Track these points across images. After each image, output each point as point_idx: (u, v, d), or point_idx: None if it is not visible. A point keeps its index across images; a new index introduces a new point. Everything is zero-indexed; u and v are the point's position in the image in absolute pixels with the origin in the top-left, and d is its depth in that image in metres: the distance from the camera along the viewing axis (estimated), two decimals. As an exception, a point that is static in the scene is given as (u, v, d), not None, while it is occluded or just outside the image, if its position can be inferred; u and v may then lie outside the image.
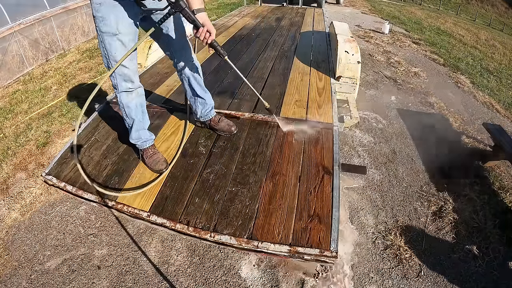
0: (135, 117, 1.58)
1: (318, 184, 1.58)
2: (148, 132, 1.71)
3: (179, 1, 1.17)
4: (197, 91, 1.74)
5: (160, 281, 1.87)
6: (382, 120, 3.69)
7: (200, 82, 1.75)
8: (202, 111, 1.83)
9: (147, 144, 1.70)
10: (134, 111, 1.56)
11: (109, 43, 1.31)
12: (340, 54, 2.63)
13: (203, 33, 1.28)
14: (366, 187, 2.65)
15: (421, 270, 1.97)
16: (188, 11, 1.21)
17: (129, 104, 1.53)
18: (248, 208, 1.48)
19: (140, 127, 1.63)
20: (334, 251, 1.27)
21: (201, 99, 1.79)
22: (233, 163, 1.74)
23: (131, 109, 1.55)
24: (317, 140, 1.89)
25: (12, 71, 5.01)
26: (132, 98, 1.52)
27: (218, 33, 4.46)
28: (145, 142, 1.69)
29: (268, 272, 1.92)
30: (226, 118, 1.87)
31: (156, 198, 1.55)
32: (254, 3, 8.41)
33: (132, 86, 1.48)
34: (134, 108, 1.55)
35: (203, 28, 1.27)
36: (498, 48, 9.27)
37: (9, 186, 2.68)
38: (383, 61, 5.70)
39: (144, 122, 1.65)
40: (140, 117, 1.61)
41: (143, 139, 1.68)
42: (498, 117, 4.01)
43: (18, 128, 3.51)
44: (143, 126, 1.65)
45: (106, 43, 1.31)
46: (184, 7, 1.19)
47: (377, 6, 13.21)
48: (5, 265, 1.98)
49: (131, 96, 1.51)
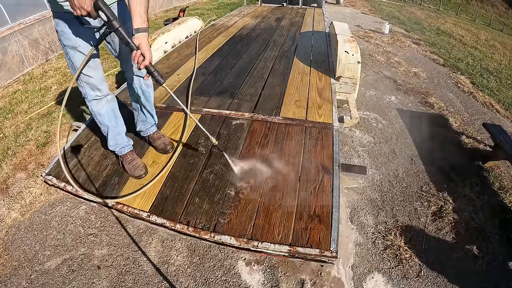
0: (109, 123, 1.60)
1: (318, 184, 1.58)
2: (126, 138, 1.72)
3: (112, 21, 1.12)
4: (143, 107, 1.72)
5: (160, 281, 1.87)
6: (382, 120, 3.69)
7: (148, 97, 1.71)
8: (142, 127, 1.83)
9: (126, 150, 1.71)
10: (106, 117, 1.58)
11: (72, 55, 1.34)
12: (340, 54, 2.63)
13: (136, 57, 1.20)
14: (366, 187, 2.65)
15: (421, 270, 1.97)
16: (122, 32, 1.15)
17: (100, 112, 1.55)
18: (248, 208, 1.48)
19: (115, 133, 1.65)
20: (334, 251, 1.27)
21: (143, 115, 1.76)
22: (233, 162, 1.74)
23: (103, 116, 1.57)
24: (317, 140, 1.89)
25: (12, 71, 5.01)
26: (102, 105, 1.54)
27: (218, 33, 4.46)
28: (123, 148, 1.70)
29: (268, 272, 1.92)
30: (164, 137, 1.86)
31: (156, 198, 1.55)
32: (254, 3, 8.41)
33: (100, 94, 1.50)
34: (106, 115, 1.57)
35: (136, 51, 1.20)
36: (498, 48, 9.28)
37: (9, 186, 2.68)
38: (383, 61, 5.70)
39: (118, 127, 1.66)
40: (114, 123, 1.62)
41: (121, 145, 1.69)
42: (498, 117, 4.01)
43: (18, 128, 3.50)
44: (118, 132, 1.66)
45: (70, 55, 1.35)
46: (117, 27, 1.13)
47: (377, 6, 13.21)
48: (5, 265, 1.98)
49: (101, 104, 1.53)
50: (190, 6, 10.97)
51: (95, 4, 1.07)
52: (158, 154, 1.85)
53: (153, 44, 3.23)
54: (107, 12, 1.09)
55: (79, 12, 1.07)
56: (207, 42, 3.97)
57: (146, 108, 1.73)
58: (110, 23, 1.13)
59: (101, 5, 1.07)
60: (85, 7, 1.05)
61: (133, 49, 1.20)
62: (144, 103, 1.71)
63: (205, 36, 4.29)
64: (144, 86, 1.65)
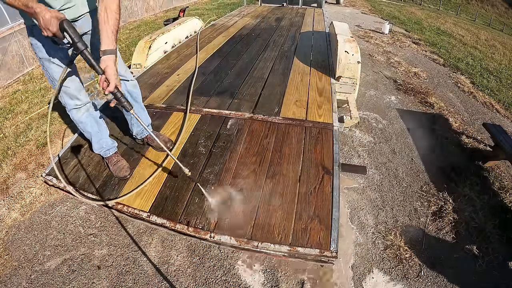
0: (91, 130, 1.63)
1: (318, 184, 1.58)
2: (110, 141, 1.75)
3: (77, 43, 1.10)
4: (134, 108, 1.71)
5: (160, 281, 1.87)
6: (382, 120, 3.69)
7: (137, 99, 1.73)
8: (138, 130, 1.83)
9: (111, 152, 1.73)
10: (88, 124, 1.60)
11: (48, 66, 1.36)
12: (340, 54, 2.63)
13: (101, 82, 1.18)
14: (366, 187, 2.65)
15: (421, 270, 1.97)
16: (87, 54, 1.13)
17: (82, 120, 1.57)
18: (248, 208, 1.48)
19: (99, 137, 1.68)
20: (334, 251, 1.27)
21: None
22: (233, 163, 1.74)
23: (85, 124, 1.59)
24: (317, 140, 1.89)
25: (12, 71, 5.01)
26: (82, 113, 1.55)
27: (218, 33, 4.46)
28: (108, 151, 1.73)
29: (268, 272, 1.92)
30: (162, 135, 1.87)
31: (156, 198, 1.55)
32: (254, 3, 8.41)
33: (79, 102, 1.51)
34: (88, 122, 1.60)
35: (100, 76, 1.17)
36: (498, 48, 9.28)
37: (9, 186, 2.68)
38: (383, 61, 5.70)
39: (101, 132, 1.69)
40: (97, 129, 1.65)
41: (106, 148, 1.72)
42: (498, 117, 4.01)
43: (18, 128, 3.50)
44: (101, 136, 1.69)
45: (46, 67, 1.36)
46: (82, 49, 1.11)
47: (377, 6, 13.21)
48: (5, 265, 1.98)
49: (81, 112, 1.55)
50: (190, 6, 10.97)
51: (60, 25, 1.05)
52: (158, 154, 1.85)
53: (153, 44, 3.23)
54: (71, 34, 1.08)
55: (46, 33, 1.06)
56: (207, 42, 3.97)
57: (137, 108, 1.74)
58: (75, 46, 1.11)
59: (66, 27, 1.06)
60: (50, 28, 1.04)
61: (99, 73, 1.17)
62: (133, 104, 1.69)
63: (205, 36, 4.29)
64: (130, 87, 1.66)
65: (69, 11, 1.25)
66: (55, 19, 1.03)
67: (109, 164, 1.72)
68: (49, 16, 1.02)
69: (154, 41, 3.27)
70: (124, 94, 1.56)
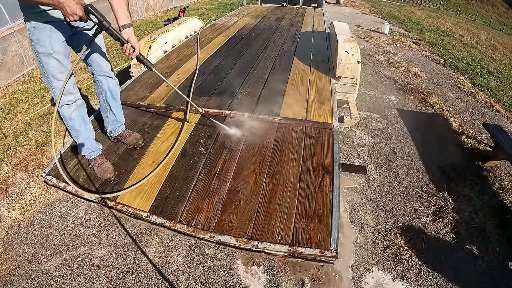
0: (79, 128, 1.66)
1: (318, 184, 1.58)
2: (95, 143, 1.77)
3: (102, 22, 1.26)
4: (112, 106, 1.81)
5: (160, 281, 1.87)
6: (382, 120, 3.69)
7: (116, 97, 1.81)
8: (112, 127, 1.89)
9: (95, 154, 1.75)
10: (76, 122, 1.64)
11: (46, 62, 1.41)
12: (340, 54, 2.63)
13: (128, 49, 1.40)
14: (366, 187, 2.65)
15: (421, 270, 1.97)
16: (112, 30, 1.30)
17: (71, 117, 1.61)
18: (248, 208, 1.47)
19: (85, 137, 1.70)
20: (334, 251, 1.27)
21: (113, 115, 1.84)
22: (233, 163, 1.74)
23: (73, 121, 1.63)
24: (317, 140, 1.89)
25: (12, 71, 5.01)
26: (73, 110, 1.60)
27: (218, 33, 4.47)
28: (93, 153, 1.74)
29: (268, 272, 1.92)
30: (134, 133, 1.93)
31: (156, 198, 1.55)
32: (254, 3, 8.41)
33: (71, 98, 1.56)
34: (77, 120, 1.63)
35: (127, 45, 1.39)
36: (498, 48, 9.28)
37: (9, 186, 2.68)
38: (383, 61, 5.70)
39: (88, 132, 1.72)
40: (84, 128, 1.68)
41: (91, 150, 1.74)
42: (498, 117, 4.02)
43: (18, 128, 3.50)
44: (88, 136, 1.72)
45: (44, 63, 1.42)
46: (107, 26, 1.28)
47: (377, 6, 13.21)
48: (5, 265, 1.98)
49: (72, 109, 1.59)
50: (190, 6, 10.97)
51: (85, 8, 1.21)
52: (157, 154, 1.85)
53: (153, 44, 3.23)
54: (97, 14, 1.23)
55: (72, 18, 1.19)
56: (207, 42, 3.97)
57: (115, 107, 1.82)
58: (101, 24, 1.26)
59: (91, 9, 1.22)
60: (77, 13, 1.18)
61: (124, 43, 1.38)
62: (111, 102, 1.79)
63: (205, 36, 4.29)
64: (112, 86, 1.74)
65: None
66: (79, 5, 1.19)
67: (94, 166, 1.73)
68: (73, 3, 1.17)
69: (154, 41, 3.27)
70: (105, 91, 1.75)
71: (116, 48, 6.20)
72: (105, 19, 1.26)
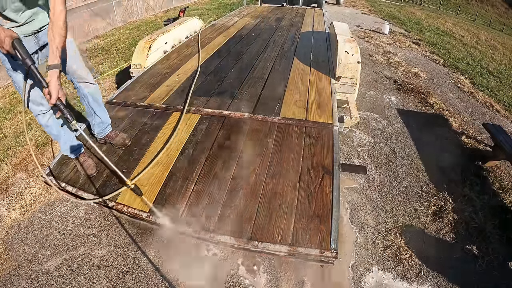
0: (57, 133, 1.73)
1: (318, 184, 1.58)
2: (77, 143, 1.85)
3: (25, 59, 1.21)
4: (96, 110, 1.86)
5: (160, 281, 1.86)
6: (382, 120, 3.69)
7: (97, 100, 1.85)
8: (99, 130, 1.94)
9: (77, 153, 1.82)
10: (54, 128, 1.70)
11: (14, 77, 1.47)
12: (340, 54, 2.63)
13: (45, 94, 1.27)
14: (366, 187, 2.65)
15: (421, 270, 1.97)
16: (34, 69, 1.23)
17: (48, 124, 1.67)
18: (248, 208, 1.48)
19: (65, 140, 1.78)
20: (334, 251, 1.27)
21: (98, 118, 1.89)
22: (233, 163, 1.74)
23: (50, 127, 1.69)
24: (317, 140, 1.89)
25: (12, 71, 5.01)
26: (47, 118, 1.64)
27: (218, 33, 4.47)
28: (75, 152, 1.82)
29: (268, 272, 1.92)
30: (121, 133, 1.98)
31: (156, 199, 1.55)
32: (254, 3, 8.42)
33: (43, 108, 1.60)
34: (53, 126, 1.69)
35: (45, 90, 1.27)
36: (498, 48, 9.28)
37: (9, 186, 2.68)
38: (383, 62, 5.70)
39: (67, 135, 1.79)
40: (62, 132, 1.75)
41: (72, 150, 1.81)
42: (498, 117, 4.02)
43: (18, 128, 3.50)
44: (67, 139, 1.79)
45: (13, 77, 1.47)
46: (29, 64, 1.22)
47: (377, 7, 13.22)
48: (5, 265, 1.98)
49: (46, 117, 1.64)
50: (190, 6, 10.98)
51: (12, 44, 1.18)
52: (158, 154, 1.85)
53: (153, 44, 3.24)
54: (20, 51, 1.19)
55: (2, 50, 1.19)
56: (207, 42, 3.97)
57: (99, 111, 1.87)
58: (23, 61, 1.21)
59: (16, 45, 1.19)
60: (4, 46, 1.17)
61: (44, 87, 1.26)
62: (93, 105, 1.83)
63: (205, 36, 4.29)
64: (92, 89, 1.78)
65: (32, 24, 1.39)
66: (8, 38, 1.17)
67: (77, 164, 1.81)
68: (4, 35, 1.15)
69: (154, 41, 3.27)
70: (87, 97, 1.78)
71: (116, 48, 6.20)
72: (28, 57, 1.22)
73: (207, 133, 1.99)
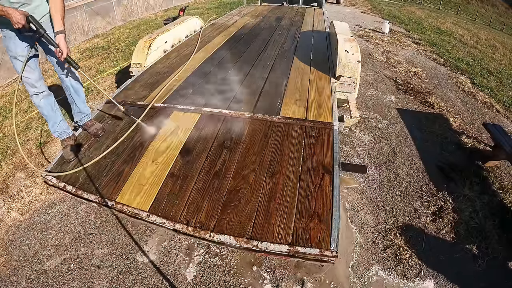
0: (47, 113, 1.98)
1: (318, 184, 1.58)
2: (64, 126, 2.06)
3: (39, 29, 1.63)
4: (76, 101, 2.11)
5: (160, 281, 1.86)
6: (382, 120, 3.69)
7: (78, 92, 2.10)
8: (78, 118, 2.18)
9: (64, 136, 2.04)
10: (45, 109, 1.95)
11: (15, 63, 1.78)
12: (340, 53, 2.63)
13: (57, 52, 1.72)
14: (366, 187, 2.65)
15: (421, 270, 1.97)
16: (47, 36, 1.66)
17: (40, 104, 1.93)
18: (248, 207, 1.47)
19: (54, 121, 2.01)
20: (334, 251, 1.27)
21: (77, 107, 2.13)
22: (233, 162, 1.74)
23: (42, 108, 1.95)
24: (317, 139, 1.89)
25: (11, 70, 4.99)
26: (40, 99, 1.91)
27: (218, 32, 4.47)
28: (61, 134, 2.04)
29: (268, 272, 1.92)
30: (96, 123, 2.16)
31: (156, 198, 1.55)
32: (254, 2, 8.40)
33: (37, 90, 1.87)
34: (44, 107, 1.95)
35: (56, 49, 1.70)
36: (498, 48, 9.27)
37: (8, 185, 2.67)
38: (383, 61, 5.70)
39: (56, 117, 2.02)
40: (52, 114, 1.99)
41: (59, 131, 2.03)
42: (498, 117, 4.01)
43: (18, 128, 3.50)
44: (56, 121, 2.02)
45: (13, 63, 1.79)
46: (43, 33, 1.64)
47: (377, 6, 13.21)
48: (5, 265, 1.98)
49: (39, 98, 1.91)
50: (190, 5, 10.96)
51: (27, 19, 1.57)
52: (158, 153, 1.85)
53: (153, 43, 3.23)
54: (35, 23, 1.61)
55: (17, 26, 1.55)
56: (207, 42, 3.96)
57: (78, 102, 2.11)
58: (38, 30, 1.63)
59: (30, 19, 1.59)
60: (21, 22, 1.54)
61: (55, 47, 1.71)
62: (75, 97, 2.08)
63: (205, 35, 4.28)
64: (74, 82, 2.03)
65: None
66: (23, 16, 1.55)
67: (62, 146, 2.02)
68: (18, 14, 1.53)
69: (154, 40, 3.27)
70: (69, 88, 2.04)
71: (115, 47, 6.19)
72: (41, 27, 1.63)
73: (207, 132, 1.99)
